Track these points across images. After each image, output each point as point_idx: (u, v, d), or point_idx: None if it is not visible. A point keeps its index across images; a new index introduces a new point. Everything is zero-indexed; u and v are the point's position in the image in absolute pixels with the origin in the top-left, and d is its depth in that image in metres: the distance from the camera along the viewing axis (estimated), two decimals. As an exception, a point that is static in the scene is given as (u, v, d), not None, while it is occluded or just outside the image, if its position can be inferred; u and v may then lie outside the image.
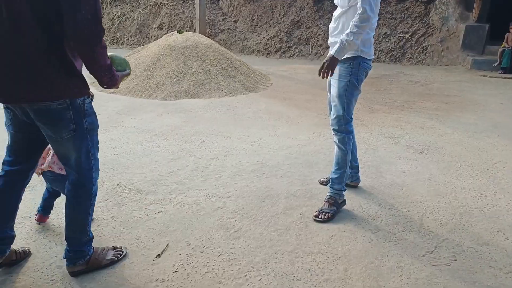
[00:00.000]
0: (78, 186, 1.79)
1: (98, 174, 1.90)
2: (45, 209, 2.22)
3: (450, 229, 2.36)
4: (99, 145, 1.86)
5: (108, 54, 1.82)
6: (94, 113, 1.77)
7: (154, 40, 7.97)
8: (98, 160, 1.86)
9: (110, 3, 10.20)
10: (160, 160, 3.24)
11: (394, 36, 8.65)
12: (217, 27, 9.90)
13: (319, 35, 9.10)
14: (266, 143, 3.71)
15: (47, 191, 2.21)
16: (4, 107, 1.71)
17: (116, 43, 9.84)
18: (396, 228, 2.36)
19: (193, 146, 3.57)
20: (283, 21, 9.43)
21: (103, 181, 2.80)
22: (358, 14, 2.21)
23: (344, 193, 2.56)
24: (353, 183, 2.83)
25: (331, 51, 2.31)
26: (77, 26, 1.44)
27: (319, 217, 2.43)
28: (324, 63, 2.31)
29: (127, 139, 3.70)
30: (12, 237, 1.89)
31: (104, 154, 3.26)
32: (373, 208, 2.58)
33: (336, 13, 2.44)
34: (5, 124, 1.77)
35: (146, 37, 9.88)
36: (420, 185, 2.94)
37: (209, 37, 9.21)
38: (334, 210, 2.47)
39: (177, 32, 6.54)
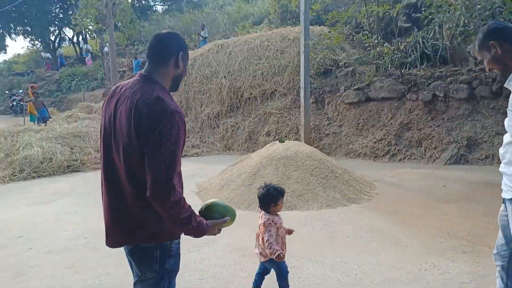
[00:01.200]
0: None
1: None
2: (258, 283, 2.80)
3: None
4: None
5: (210, 201, 1.83)
6: (179, 254, 1.77)
7: (262, 146, 8.38)
8: None
9: (225, 115, 11.38)
10: (244, 289, 3.01)
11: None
12: (322, 132, 10.01)
13: (433, 137, 8.39)
14: (365, 274, 3.20)
15: (259, 269, 2.83)
16: None
17: (228, 149, 10.66)
18: None
19: (281, 272, 3.27)
20: (391, 123, 9.07)
21: (182, 313, 2.67)
22: None
23: None
24: None
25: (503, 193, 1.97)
26: (151, 183, 1.54)
27: None
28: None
29: (215, 259, 3.61)
30: None
31: (191, 277, 3.19)
32: None
33: (505, 139, 2.10)
34: None
35: (255, 143, 10.49)
36: None
37: (314, 142, 9.32)
38: None
39: (279, 141, 6.74)
